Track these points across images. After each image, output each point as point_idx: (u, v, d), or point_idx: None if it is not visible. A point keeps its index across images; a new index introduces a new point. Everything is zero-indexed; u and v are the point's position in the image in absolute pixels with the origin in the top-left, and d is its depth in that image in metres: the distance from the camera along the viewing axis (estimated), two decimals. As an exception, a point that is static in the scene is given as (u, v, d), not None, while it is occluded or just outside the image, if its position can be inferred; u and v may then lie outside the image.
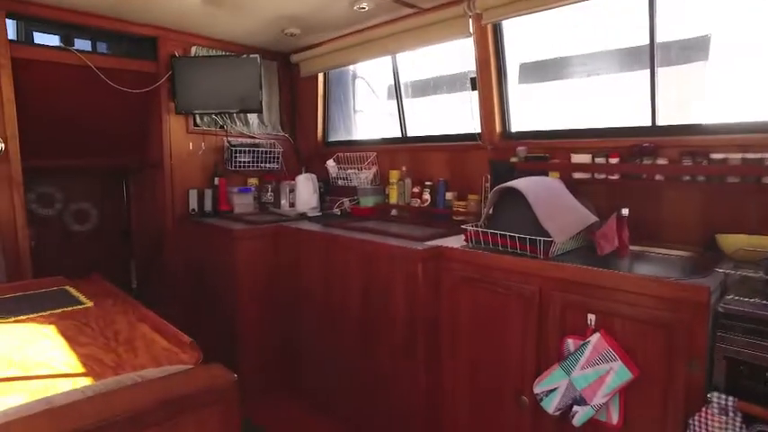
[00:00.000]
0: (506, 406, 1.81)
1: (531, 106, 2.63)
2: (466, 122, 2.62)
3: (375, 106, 3.67)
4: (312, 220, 2.89)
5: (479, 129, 2.55)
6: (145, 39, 2.98)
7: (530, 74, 2.75)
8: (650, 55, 2.00)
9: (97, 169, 3.65)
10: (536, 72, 2.75)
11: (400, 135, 3.14)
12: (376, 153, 3.12)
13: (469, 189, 2.60)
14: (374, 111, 3.68)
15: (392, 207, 2.95)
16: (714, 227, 1.80)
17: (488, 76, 2.45)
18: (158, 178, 3.16)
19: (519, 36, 2.51)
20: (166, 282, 3.24)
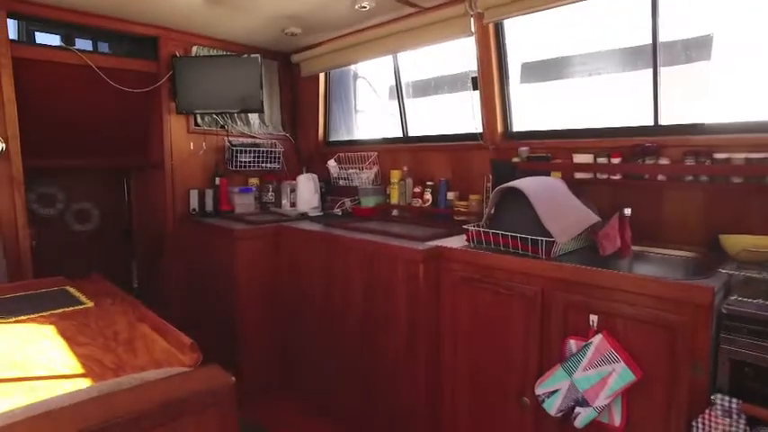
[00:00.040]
0: (508, 407, 1.80)
1: (533, 106, 2.62)
2: (467, 122, 2.61)
3: (376, 106, 3.66)
4: (313, 221, 2.88)
5: (481, 128, 2.54)
6: (146, 38, 2.98)
7: (531, 73, 2.74)
8: (653, 54, 1.99)
9: (98, 169, 3.65)
10: (538, 72, 2.74)
11: (401, 135, 3.14)
12: (377, 153, 3.12)
13: (471, 189, 2.59)
14: (375, 110, 3.67)
15: (393, 207, 2.94)
16: (717, 227, 1.79)
17: (490, 76, 2.44)
18: (159, 178, 3.16)
19: (520, 36, 2.50)
20: (167, 282, 3.24)
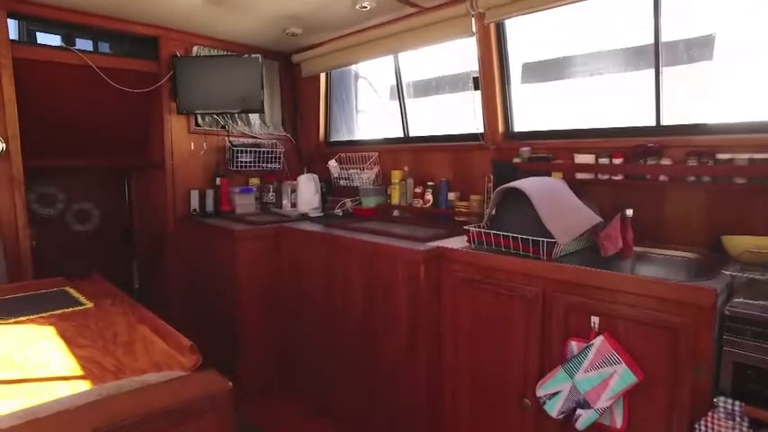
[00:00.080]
0: (509, 408, 1.79)
1: (534, 106, 2.61)
2: (468, 122, 2.60)
3: (377, 106, 3.66)
4: (314, 221, 2.88)
5: (482, 129, 2.53)
6: (146, 38, 2.98)
7: (533, 73, 2.73)
8: (655, 54, 1.98)
9: (99, 169, 3.65)
10: (539, 72, 2.73)
11: (402, 135, 3.13)
12: (378, 153, 3.11)
13: (472, 189, 2.58)
14: (376, 111, 3.66)
15: (394, 207, 2.94)
16: (720, 228, 1.78)
17: (491, 76, 2.43)
18: (160, 178, 3.16)
19: (522, 35, 2.49)
20: (168, 282, 3.24)
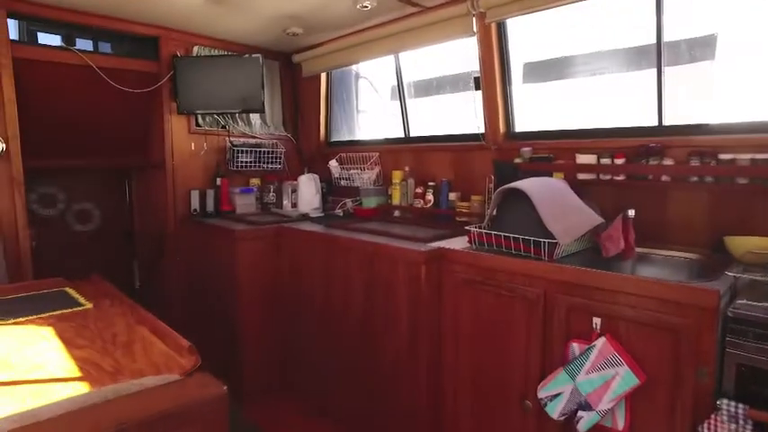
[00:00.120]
0: (510, 410, 1.78)
1: (536, 106, 2.60)
2: (469, 123, 2.59)
3: (378, 106, 3.65)
4: (314, 221, 2.87)
5: (483, 129, 2.52)
6: (146, 38, 2.97)
7: (534, 73, 2.72)
8: (657, 54, 1.97)
9: (99, 169, 3.64)
10: (540, 71, 2.72)
11: (403, 135, 3.12)
12: (379, 153, 3.10)
13: (473, 190, 2.57)
14: (377, 111, 3.66)
15: (395, 208, 2.93)
16: (722, 229, 1.76)
17: (492, 76, 2.42)
18: (160, 178, 3.15)
19: (523, 35, 2.48)
20: (168, 282, 3.24)
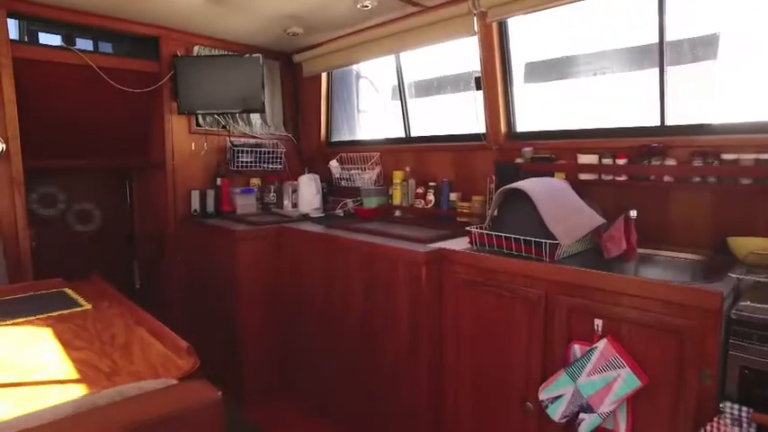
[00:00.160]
0: (511, 412, 1.77)
1: (537, 106, 2.59)
2: (470, 123, 2.58)
3: (379, 106, 3.64)
4: (315, 221, 2.86)
5: (484, 129, 2.51)
6: (147, 38, 2.97)
7: (536, 73, 2.70)
8: (659, 53, 1.96)
9: (100, 169, 3.64)
10: (542, 71, 2.71)
11: (404, 135, 3.11)
12: (379, 153, 3.09)
13: (474, 190, 2.56)
14: (378, 111, 3.65)
15: (396, 208, 2.92)
16: (725, 229, 1.75)
17: (493, 76, 2.41)
18: (160, 179, 3.15)
19: (525, 35, 2.46)
20: (168, 282, 3.23)
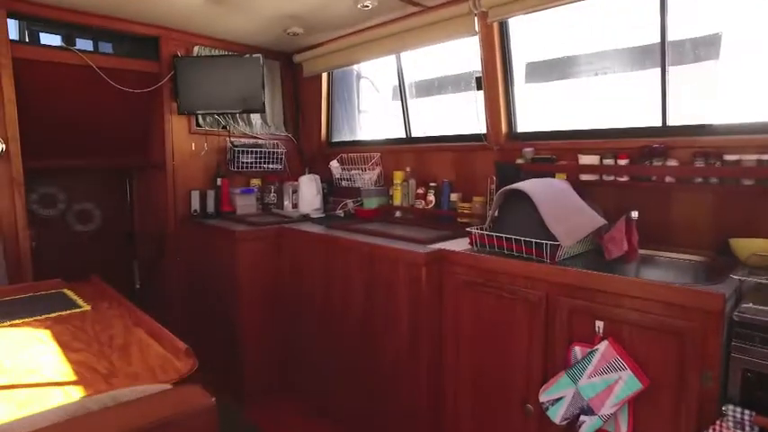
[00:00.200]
0: (511, 413, 1.76)
1: (538, 106, 2.58)
2: (471, 123, 2.57)
3: (379, 106, 3.63)
4: (315, 222, 2.86)
5: (485, 129, 2.50)
6: (147, 38, 2.96)
7: (537, 73, 2.69)
8: (661, 53, 1.95)
9: (100, 170, 3.64)
10: (543, 71, 2.70)
11: (405, 135, 3.10)
12: (380, 154, 3.08)
13: (475, 191, 2.55)
14: (378, 111, 3.64)
15: (396, 208, 2.91)
16: (727, 231, 1.74)
17: (494, 76, 2.40)
18: (160, 179, 3.14)
19: (526, 35, 2.45)
20: (168, 283, 3.23)
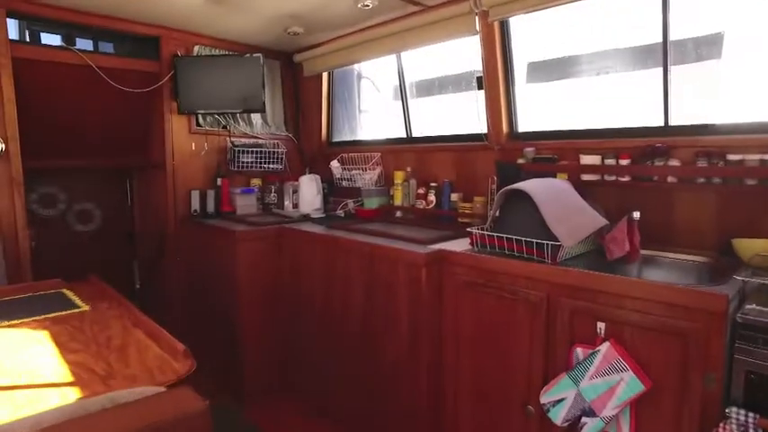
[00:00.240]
0: (512, 414, 1.75)
1: (540, 106, 2.57)
2: (472, 123, 2.56)
3: (380, 106, 3.62)
4: (315, 222, 2.85)
5: (486, 129, 2.49)
6: (147, 38, 2.95)
7: (538, 73, 2.68)
8: (663, 53, 1.93)
9: (100, 169, 3.63)
10: (544, 71, 2.69)
11: (405, 135, 3.09)
12: (380, 154, 3.07)
13: (475, 191, 2.54)
14: (379, 110, 3.63)
15: (397, 209, 2.90)
16: (730, 231, 1.73)
17: (495, 75, 2.39)
18: (160, 179, 3.14)
19: (527, 34, 2.44)
20: (168, 283, 3.22)
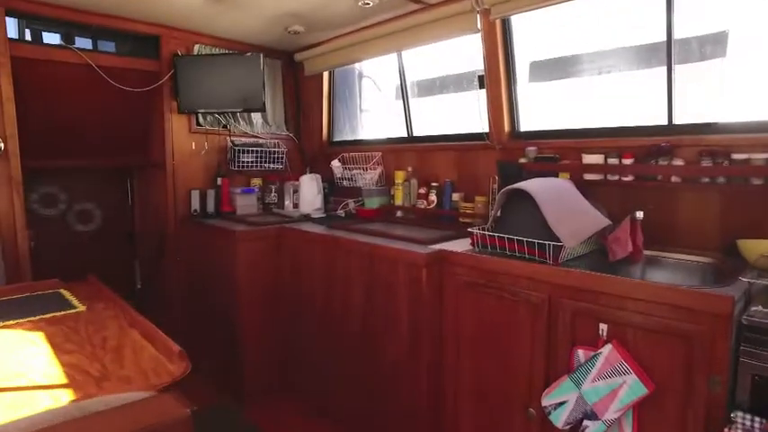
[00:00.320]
0: (513, 417, 1.73)
1: (543, 105, 2.55)
2: (473, 122, 2.54)
3: (381, 105, 3.60)
4: (316, 222, 2.83)
5: (487, 128, 2.47)
6: (147, 37, 2.94)
7: (540, 72, 2.66)
8: (667, 51, 1.91)
9: (100, 169, 3.62)
10: (547, 70, 2.67)
11: (406, 135, 3.07)
12: (381, 153, 3.05)
13: (477, 190, 2.52)
14: (380, 110, 3.61)
15: (398, 208, 2.88)
16: (735, 232, 1.70)
17: (497, 74, 2.37)
18: (160, 178, 3.13)
19: (529, 33, 2.42)
20: (168, 283, 3.21)
